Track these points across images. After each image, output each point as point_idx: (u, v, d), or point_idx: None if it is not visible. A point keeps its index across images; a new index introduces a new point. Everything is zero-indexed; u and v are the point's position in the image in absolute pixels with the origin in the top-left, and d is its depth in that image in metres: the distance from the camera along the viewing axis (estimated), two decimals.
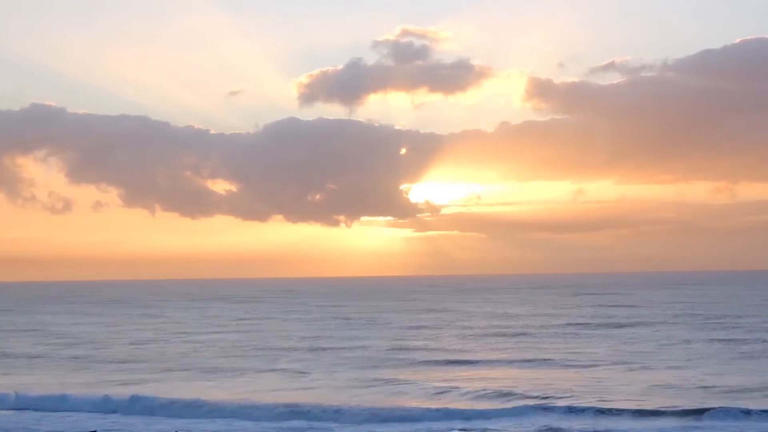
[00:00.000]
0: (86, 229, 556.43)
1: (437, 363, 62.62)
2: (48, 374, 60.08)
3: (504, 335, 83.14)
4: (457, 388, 49.40)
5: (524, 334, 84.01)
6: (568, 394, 45.66)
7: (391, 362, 63.16)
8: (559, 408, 42.55)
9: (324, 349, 73.49)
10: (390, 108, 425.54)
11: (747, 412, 40.27)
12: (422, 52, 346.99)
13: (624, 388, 48.11)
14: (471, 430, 38.40)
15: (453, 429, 38.28)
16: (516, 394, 46.40)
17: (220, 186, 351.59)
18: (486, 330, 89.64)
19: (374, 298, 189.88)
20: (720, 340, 72.55)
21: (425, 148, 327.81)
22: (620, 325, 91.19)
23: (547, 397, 44.94)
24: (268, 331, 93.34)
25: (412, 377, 54.73)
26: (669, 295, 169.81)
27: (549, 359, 62.53)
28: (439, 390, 49.11)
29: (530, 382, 51.22)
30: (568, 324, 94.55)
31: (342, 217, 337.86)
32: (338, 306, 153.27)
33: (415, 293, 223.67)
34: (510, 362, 62.17)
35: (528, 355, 65.62)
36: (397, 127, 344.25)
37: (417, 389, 49.95)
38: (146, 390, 50.46)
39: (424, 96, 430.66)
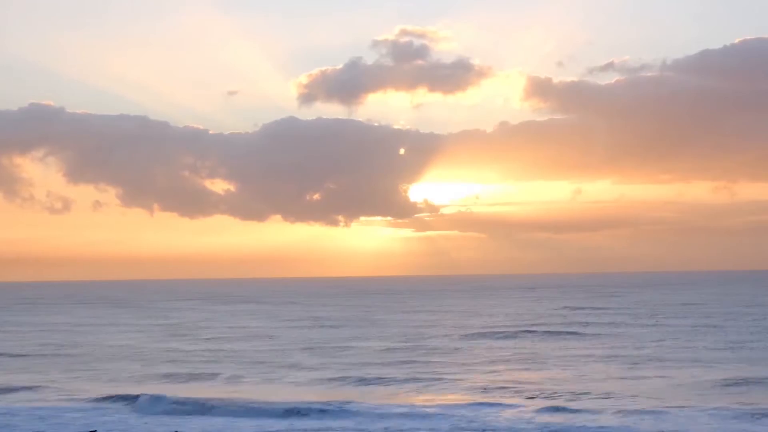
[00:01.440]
0: (85, 228, 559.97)
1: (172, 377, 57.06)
2: None
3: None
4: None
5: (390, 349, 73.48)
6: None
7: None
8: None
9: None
10: (389, 108, 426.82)
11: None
12: (421, 52, 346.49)
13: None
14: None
15: None
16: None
17: (219, 186, 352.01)
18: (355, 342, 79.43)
19: (295, 302, 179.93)
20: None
21: (424, 147, 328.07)
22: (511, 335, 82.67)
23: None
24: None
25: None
26: (632, 299, 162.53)
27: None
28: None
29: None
30: (466, 335, 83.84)
31: (341, 217, 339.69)
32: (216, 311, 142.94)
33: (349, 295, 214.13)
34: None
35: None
36: (396, 127, 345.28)
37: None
38: None
39: (424, 96, 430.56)
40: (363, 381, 53.48)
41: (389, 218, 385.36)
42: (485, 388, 49.09)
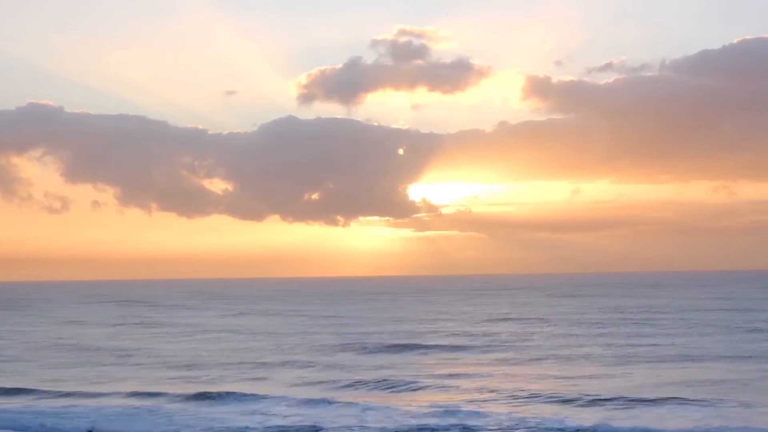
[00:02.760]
0: (83, 228, 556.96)
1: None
2: None
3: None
4: None
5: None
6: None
7: None
8: None
9: None
10: (388, 107, 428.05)
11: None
12: (421, 51, 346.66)
13: None
14: None
15: None
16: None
17: (217, 185, 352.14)
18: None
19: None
20: None
21: (424, 147, 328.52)
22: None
23: None
24: None
25: None
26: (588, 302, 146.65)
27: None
28: None
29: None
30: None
31: (340, 217, 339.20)
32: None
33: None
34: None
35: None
36: (395, 127, 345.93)
37: None
38: None
39: (423, 95, 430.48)
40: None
41: (388, 218, 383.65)
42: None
